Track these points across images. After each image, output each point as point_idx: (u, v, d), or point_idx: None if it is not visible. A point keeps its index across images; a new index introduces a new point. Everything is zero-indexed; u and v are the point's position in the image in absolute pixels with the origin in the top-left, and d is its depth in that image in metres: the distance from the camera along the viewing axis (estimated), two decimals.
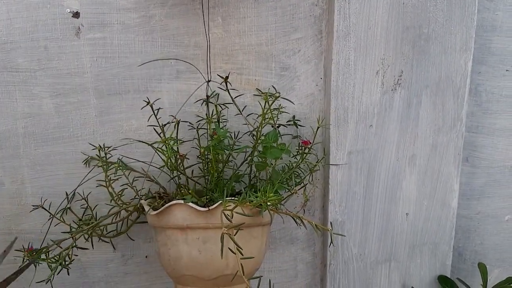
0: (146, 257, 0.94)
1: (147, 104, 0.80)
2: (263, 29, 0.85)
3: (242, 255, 0.64)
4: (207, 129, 0.83)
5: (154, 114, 0.80)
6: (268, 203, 0.68)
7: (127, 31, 0.83)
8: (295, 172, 0.84)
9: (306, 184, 0.90)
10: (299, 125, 0.89)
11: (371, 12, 0.82)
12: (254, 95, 0.88)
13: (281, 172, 0.84)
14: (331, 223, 0.88)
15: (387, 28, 0.83)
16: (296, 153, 0.86)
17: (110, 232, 0.88)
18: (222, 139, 0.75)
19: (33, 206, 0.87)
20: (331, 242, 0.71)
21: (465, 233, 1.01)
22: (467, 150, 0.95)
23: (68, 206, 0.88)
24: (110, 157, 0.86)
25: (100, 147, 0.84)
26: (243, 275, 0.62)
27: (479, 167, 0.97)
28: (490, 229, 1.01)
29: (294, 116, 0.89)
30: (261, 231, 0.79)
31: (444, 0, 0.83)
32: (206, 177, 0.83)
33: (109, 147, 0.86)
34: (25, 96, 0.84)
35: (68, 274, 0.81)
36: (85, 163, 0.87)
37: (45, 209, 0.86)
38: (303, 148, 0.85)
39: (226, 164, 0.82)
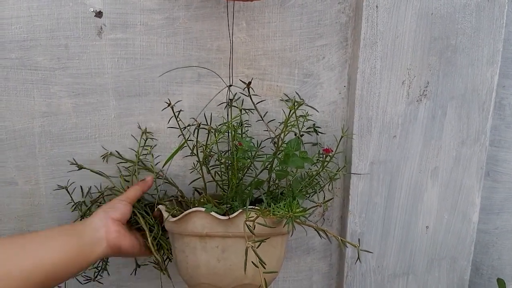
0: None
1: (168, 106, 0.77)
2: (288, 35, 0.84)
3: (265, 268, 0.63)
4: (228, 133, 0.82)
5: (175, 116, 0.78)
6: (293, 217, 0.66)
7: (150, 32, 0.81)
8: (315, 179, 0.82)
9: (331, 199, 0.88)
10: (320, 132, 0.87)
11: (399, 21, 0.80)
12: (280, 100, 0.86)
13: (300, 179, 0.83)
14: (359, 239, 0.87)
15: (414, 38, 0.81)
16: (316, 161, 0.84)
17: None
18: (246, 150, 0.73)
19: (58, 186, 0.85)
20: (358, 258, 0.70)
21: (483, 247, 0.99)
22: (489, 164, 0.94)
23: (83, 199, 0.86)
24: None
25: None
26: None
27: (500, 181, 0.96)
28: (509, 245, 0.99)
29: (314, 124, 0.87)
30: (280, 241, 0.77)
31: (472, 12, 0.82)
32: (223, 183, 0.82)
33: None
34: (43, 95, 0.82)
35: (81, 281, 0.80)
36: (103, 158, 0.85)
37: (67, 190, 0.85)
38: (324, 156, 0.84)
39: (247, 172, 0.81)
